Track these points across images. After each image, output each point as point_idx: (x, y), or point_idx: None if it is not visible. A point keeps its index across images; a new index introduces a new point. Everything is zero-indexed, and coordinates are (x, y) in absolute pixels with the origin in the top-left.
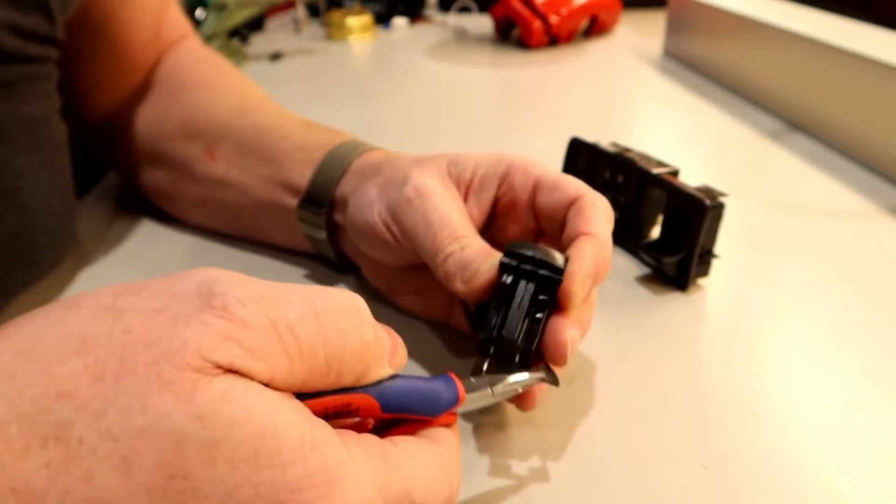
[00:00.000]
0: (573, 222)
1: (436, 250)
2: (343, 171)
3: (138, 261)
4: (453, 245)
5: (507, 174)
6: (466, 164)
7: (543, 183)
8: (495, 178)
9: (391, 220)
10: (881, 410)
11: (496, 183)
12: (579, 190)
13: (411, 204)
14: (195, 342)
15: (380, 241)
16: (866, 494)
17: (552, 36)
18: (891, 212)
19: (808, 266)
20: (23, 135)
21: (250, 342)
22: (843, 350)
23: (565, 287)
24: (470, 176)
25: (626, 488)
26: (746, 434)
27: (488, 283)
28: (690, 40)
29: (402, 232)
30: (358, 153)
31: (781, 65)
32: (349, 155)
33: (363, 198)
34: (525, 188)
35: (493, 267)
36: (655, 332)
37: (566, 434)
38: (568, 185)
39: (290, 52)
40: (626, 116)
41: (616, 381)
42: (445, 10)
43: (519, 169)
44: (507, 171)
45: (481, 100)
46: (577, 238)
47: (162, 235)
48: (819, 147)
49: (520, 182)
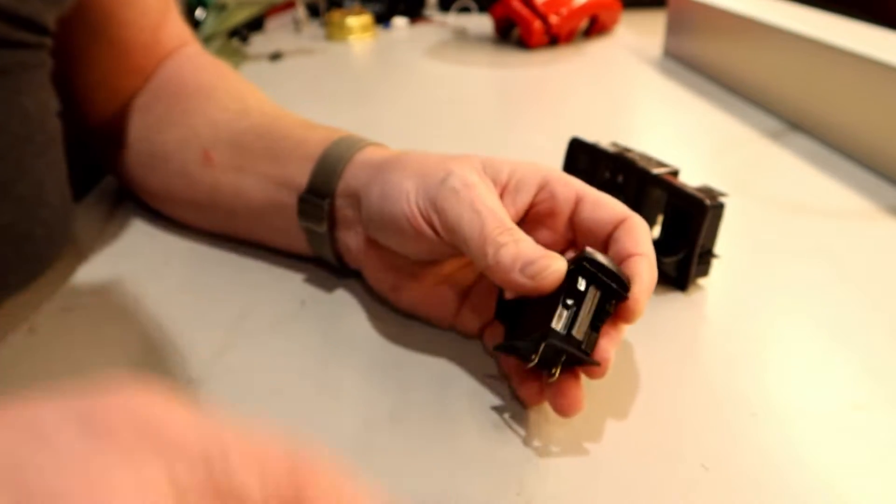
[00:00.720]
0: (623, 242)
1: (485, 240)
2: (345, 163)
3: (135, 259)
4: (505, 237)
5: (546, 183)
6: (502, 167)
7: (588, 199)
8: (534, 185)
9: (432, 209)
10: (881, 410)
11: (534, 189)
12: (626, 211)
13: (458, 194)
14: None
15: (414, 231)
16: (866, 494)
17: (552, 36)
18: (891, 212)
19: (808, 266)
20: (18, 125)
21: None
22: (843, 350)
23: (631, 305)
24: (506, 178)
25: (626, 488)
26: (746, 434)
27: (557, 281)
28: (690, 40)
29: (443, 222)
30: (360, 147)
31: (781, 65)
32: (351, 149)
33: (393, 189)
34: (568, 200)
35: (564, 266)
36: (655, 332)
37: (566, 434)
38: (614, 204)
39: (290, 52)
40: (626, 116)
41: (616, 381)
42: (445, 10)
43: (559, 181)
44: (546, 180)
45: (481, 100)
46: (632, 258)
47: (159, 237)
48: (819, 147)
49: (562, 193)
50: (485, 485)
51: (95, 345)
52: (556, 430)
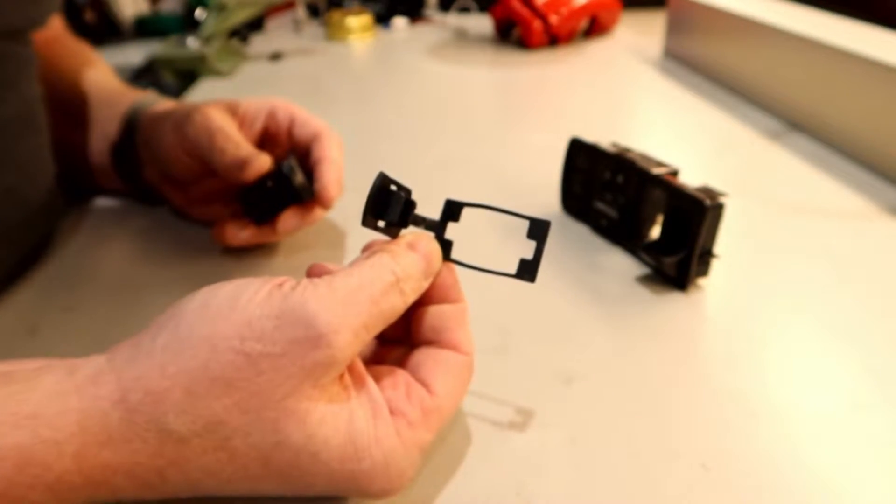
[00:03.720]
0: (315, 151)
1: (214, 149)
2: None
3: (135, 259)
4: (228, 144)
5: (272, 111)
6: (239, 104)
7: (297, 119)
8: (263, 113)
9: (179, 135)
10: (881, 410)
11: (264, 116)
12: (320, 127)
13: (193, 119)
14: (310, 380)
15: (173, 157)
16: (866, 494)
17: (552, 36)
18: (891, 212)
19: (807, 266)
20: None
21: (343, 357)
22: (843, 350)
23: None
24: (243, 112)
25: (626, 488)
26: (746, 434)
27: (261, 170)
28: (690, 40)
29: (186, 142)
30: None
31: (781, 65)
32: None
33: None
34: (284, 121)
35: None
36: (655, 332)
37: (566, 434)
38: (313, 121)
39: (290, 52)
40: (626, 116)
41: (616, 381)
42: (445, 10)
43: (281, 108)
44: (272, 109)
45: (481, 100)
46: (321, 161)
47: (160, 237)
48: (819, 147)
49: (281, 117)
50: (484, 485)
51: (95, 345)
52: (556, 430)
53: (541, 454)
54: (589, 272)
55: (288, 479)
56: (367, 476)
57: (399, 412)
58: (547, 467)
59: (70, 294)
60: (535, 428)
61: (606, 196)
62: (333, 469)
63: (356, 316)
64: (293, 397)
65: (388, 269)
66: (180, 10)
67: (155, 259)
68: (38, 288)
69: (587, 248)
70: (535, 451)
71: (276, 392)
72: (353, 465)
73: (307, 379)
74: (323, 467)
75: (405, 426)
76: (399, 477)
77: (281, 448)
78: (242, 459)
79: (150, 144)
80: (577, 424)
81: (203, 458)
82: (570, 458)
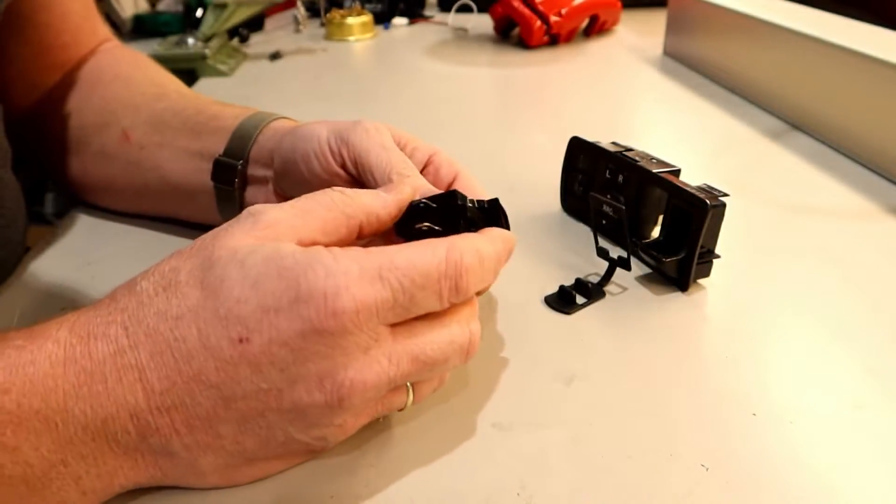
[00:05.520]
0: None
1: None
2: (260, 130)
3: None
4: (408, 171)
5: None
6: (402, 134)
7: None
8: (425, 154)
9: (343, 144)
10: (881, 410)
11: (425, 159)
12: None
13: (368, 133)
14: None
15: (320, 167)
16: (866, 494)
17: (552, 35)
18: (891, 212)
19: (808, 266)
20: None
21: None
22: (843, 350)
23: None
24: (405, 143)
25: (626, 488)
26: (746, 434)
27: None
28: (690, 40)
29: (352, 155)
30: (273, 118)
31: (782, 64)
32: (265, 119)
33: (307, 132)
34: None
35: None
36: (655, 332)
37: (566, 434)
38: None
39: (289, 52)
40: (627, 116)
41: (616, 381)
42: (445, 10)
43: (445, 161)
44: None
45: (481, 99)
46: None
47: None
48: (819, 147)
49: (444, 170)
50: (485, 485)
51: None
52: (557, 429)
53: (541, 454)
54: (589, 272)
55: (219, 294)
56: (291, 272)
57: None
58: (547, 467)
59: (70, 294)
60: (536, 428)
61: (606, 196)
62: (259, 272)
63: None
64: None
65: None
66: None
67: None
68: (37, 288)
69: (587, 248)
70: (536, 450)
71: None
72: (277, 263)
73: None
74: (250, 271)
75: (339, 249)
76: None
77: (213, 268)
78: (184, 289)
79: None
80: (577, 424)
81: (155, 301)
82: (570, 457)
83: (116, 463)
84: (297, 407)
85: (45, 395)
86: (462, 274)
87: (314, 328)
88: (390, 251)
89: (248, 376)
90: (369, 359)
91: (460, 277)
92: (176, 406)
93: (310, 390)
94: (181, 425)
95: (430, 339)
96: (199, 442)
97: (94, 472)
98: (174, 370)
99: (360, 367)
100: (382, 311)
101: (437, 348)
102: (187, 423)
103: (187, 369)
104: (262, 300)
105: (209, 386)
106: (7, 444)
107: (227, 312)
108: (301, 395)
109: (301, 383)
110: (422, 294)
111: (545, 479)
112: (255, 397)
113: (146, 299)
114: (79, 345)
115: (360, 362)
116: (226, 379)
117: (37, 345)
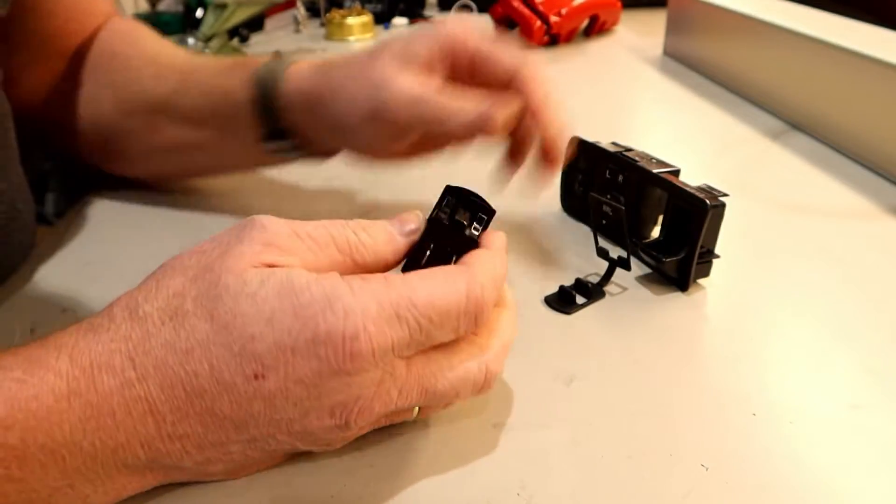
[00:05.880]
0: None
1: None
2: (283, 69)
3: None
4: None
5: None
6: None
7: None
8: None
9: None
10: (881, 410)
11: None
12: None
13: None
14: (249, 252)
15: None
16: (866, 494)
17: (552, 36)
18: (891, 212)
19: (808, 266)
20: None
21: (283, 246)
22: (843, 350)
23: None
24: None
25: (626, 488)
26: (746, 434)
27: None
28: (690, 40)
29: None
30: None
31: (782, 64)
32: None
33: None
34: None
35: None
36: (655, 332)
37: (566, 434)
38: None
39: (290, 52)
40: (627, 116)
41: (616, 381)
42: (445, 10)
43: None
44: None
45: None
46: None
47: (161, 236)
48: (819, 147)
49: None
50: (485, 485)
51: None
52: (557, 430)
53: (541, 454)
54: (589, 272)
55: (232, 330)
56: (308, 310)
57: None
58: (547, 467)
59: (70, 294)
60: (536, 428)
61: (605, 196)
62: (274, 307)
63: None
64: (233, 258)
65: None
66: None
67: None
68: (37, 288)
69: (587, 248)
70: (536, 450)
71: (221, 258)
72: (292, 300)
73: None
74: (263, 306)
75: (357, 279)
76: (347, 315)
77: (222, 298)
78: (192, 319)
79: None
80: (577, 424)
81: (162, 331)
82: (570, 457)
83: (125, 481)
84: (307, 430)
85: (50, 430)
86: (483, 309)
87: (332, 369)
88: (410, 285)
89: (261, 410)
90: (381, 390)
91: (480, 313)
92: (188, 434)
93: (321, 417)
94: (192, 448)
95: (444, 373)
96: (209, 458)
97: (101, 490)
98: (185, 403)
99: (371, 397)
100: (398, 348)
101: (448, 384)
102: (199, 446)
103: (199, 403)
104: (279, 338)
105: (222, 418)
106: (13, 477)
107: (241, 349)
108: (312, 421)
109: (313, 413)
110: (439, 331)
111: (545, 479)
112: (267, 425)
113: (152, 329)
114: (82, 377)
115: (371, 392)
116: (239, 412)
117: (37, 377)
